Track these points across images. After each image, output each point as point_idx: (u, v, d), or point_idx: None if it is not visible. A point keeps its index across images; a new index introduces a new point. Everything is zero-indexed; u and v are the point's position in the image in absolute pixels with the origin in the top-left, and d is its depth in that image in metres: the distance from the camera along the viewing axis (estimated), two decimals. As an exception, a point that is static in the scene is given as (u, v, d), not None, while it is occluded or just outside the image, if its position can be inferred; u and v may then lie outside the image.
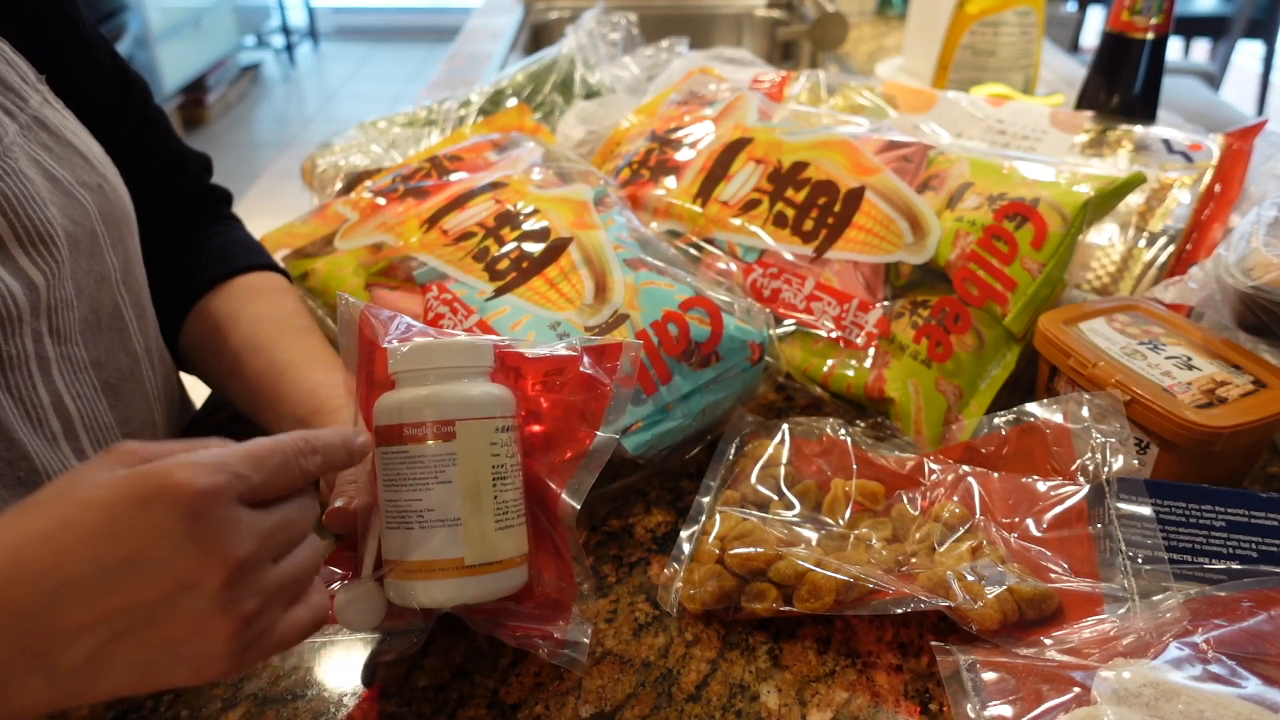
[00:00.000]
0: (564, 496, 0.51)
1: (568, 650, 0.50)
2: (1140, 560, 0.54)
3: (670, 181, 0.85)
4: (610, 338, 0.63)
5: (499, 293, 0.67)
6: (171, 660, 0.35)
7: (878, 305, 0.73)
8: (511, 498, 0.48)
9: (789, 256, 0.77)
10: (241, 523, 0.36)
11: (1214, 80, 2.63)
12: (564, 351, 0.53)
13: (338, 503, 0.48)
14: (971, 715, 0.46)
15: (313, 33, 5.34)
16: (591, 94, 1.17)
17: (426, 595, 0.46)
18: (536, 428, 0.53)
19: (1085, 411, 0.60)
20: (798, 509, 0.60)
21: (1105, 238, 0.84)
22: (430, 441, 0.46)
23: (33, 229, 0.51)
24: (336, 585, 0.48)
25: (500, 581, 0.47)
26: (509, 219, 0.73)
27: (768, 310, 0.72)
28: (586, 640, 0.51)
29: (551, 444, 0.52)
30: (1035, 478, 0.59)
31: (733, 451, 0.66)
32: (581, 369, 0.52)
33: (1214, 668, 0.46)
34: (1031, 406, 0.63)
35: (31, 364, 0.53)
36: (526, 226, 0.72)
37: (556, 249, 0.70)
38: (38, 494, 0.36)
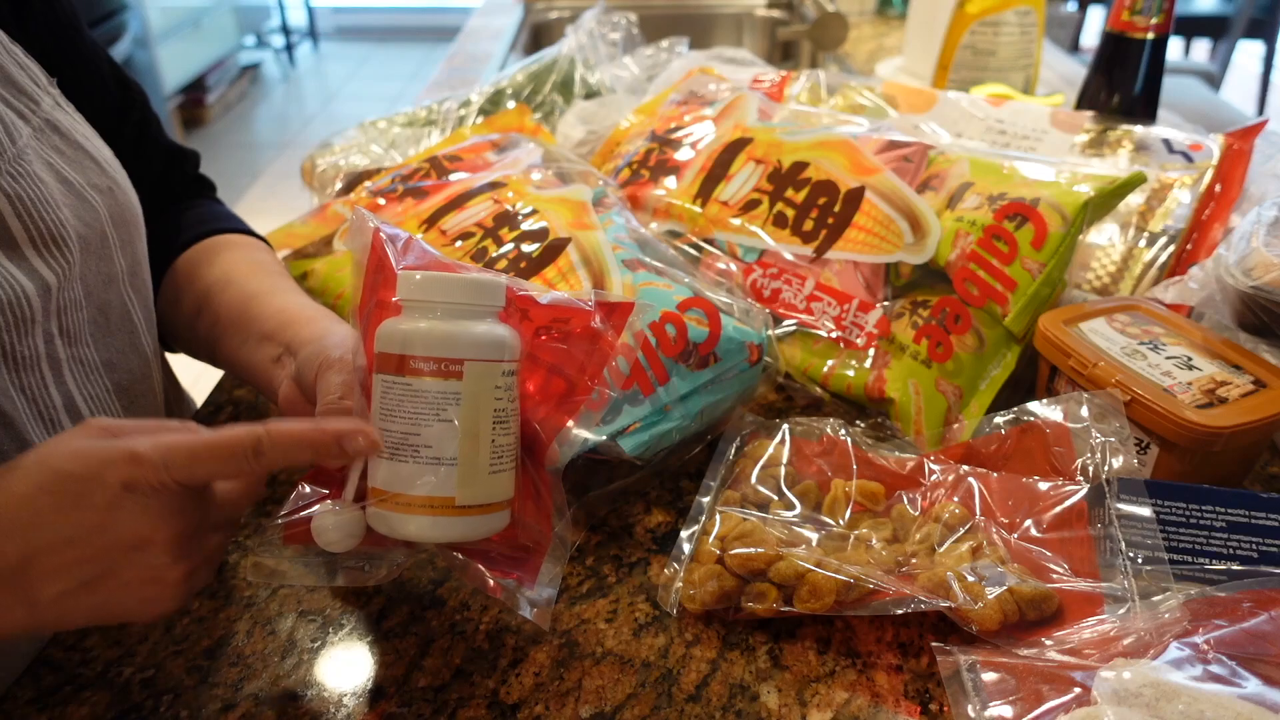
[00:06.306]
0: (555, 444, 0.50)
1: (529, 602, 0.49)
2: (1140, 561, 0.54)
3: (670, 181, 0.85)
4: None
5: (498, 293, 0.67)
6: (130, 600, 0.43)
7: (878, 305, 0.73)
8: (507, 442, 0.48)
9: (789, 256, 0.77)
10: (176, 501, 0.42)
11: (1214, 80, 2.63)
12: (575, 302, 0.51)
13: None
14: (972, 715, 0.46)
15: (313, 33, 5.34)
16: (591, 94, 1.17)
17: (417, 529, 0.46)
18: (536, 373, 0.52)
19: (1085, 411, 0.60)
20: (798, 509, 0.60)
21: (1105, 238, 0.84)
22: (436, 378, 0.45)
23: (46, 231, 0.52)
24: (317, 508, 0.47)
25: (487, 524, 0.47)
26: (507, 219, 0.73)
27: (767, 311, 0.72)
28: (553, 595, 0.50)
29: (550, 392, 0.52)
30: (1035, 478, 0.59)
31: (733, 451, 0.66)
32: (592, 324, 0.51)
33: (1214, 668, 0.46)
34: (1032, 406, 0.62)
35: (43, 364, 0.53)
36: (525, 227, 0.72)
37: (555, 249, 0.70)
38: (21, 459, 0.42)
